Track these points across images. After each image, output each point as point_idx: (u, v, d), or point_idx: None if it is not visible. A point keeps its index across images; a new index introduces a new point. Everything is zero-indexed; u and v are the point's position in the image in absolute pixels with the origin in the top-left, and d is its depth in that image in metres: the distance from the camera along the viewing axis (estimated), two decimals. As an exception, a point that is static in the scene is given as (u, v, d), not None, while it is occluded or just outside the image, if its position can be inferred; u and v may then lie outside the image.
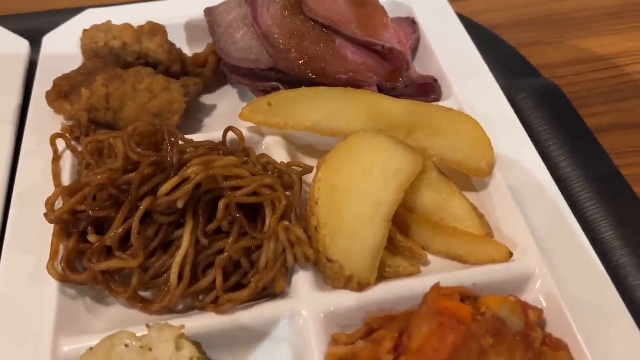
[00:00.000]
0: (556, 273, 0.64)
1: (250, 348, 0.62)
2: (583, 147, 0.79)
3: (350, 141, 0.69)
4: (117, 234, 0.64)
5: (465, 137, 0.74)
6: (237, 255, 0.64)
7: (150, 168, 0.66)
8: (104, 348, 0.55)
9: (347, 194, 0.66)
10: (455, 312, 0.54)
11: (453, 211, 0.71)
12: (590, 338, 0.59)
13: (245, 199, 0.65)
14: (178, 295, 0.63)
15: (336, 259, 0.63)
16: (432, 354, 0.52)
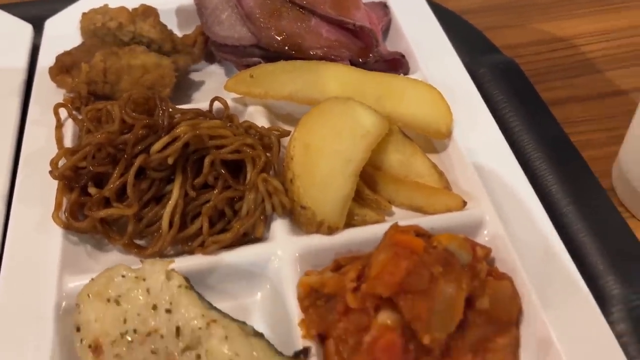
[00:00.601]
0: (505, 220, 0.72)
1: (234, 284, 0.70)
2: (536, 115, 0.87)
3: (323, 105, 0.78)
4: (114, 187, 0.72)
5: (426, 103, 0.83)
6: (221, 204, 0.72)
7: (144, 130, 0.74)
8: (104, 278, 0.63)
9: (319, 151, 0.74)
10: (409, 244, 0.62)
11: (415, 169, 0.80)
12: (532, 273, 0.67)
13: (228, 156, 0.73)
14: (169, 240, 0.71)
15: (309, 206, 0.71)
16: (388, 278, 0.60)
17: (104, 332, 0.61)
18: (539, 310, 0.65)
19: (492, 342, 0.63)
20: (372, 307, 0.62)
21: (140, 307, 0.61)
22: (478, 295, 0.64)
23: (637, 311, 0.66)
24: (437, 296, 0.61)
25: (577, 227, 0.74)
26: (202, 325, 0.59)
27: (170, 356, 0.59)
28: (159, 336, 0.59)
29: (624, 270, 0.69)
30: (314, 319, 0.64)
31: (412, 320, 0.60)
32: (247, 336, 0.60)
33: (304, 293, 0.65)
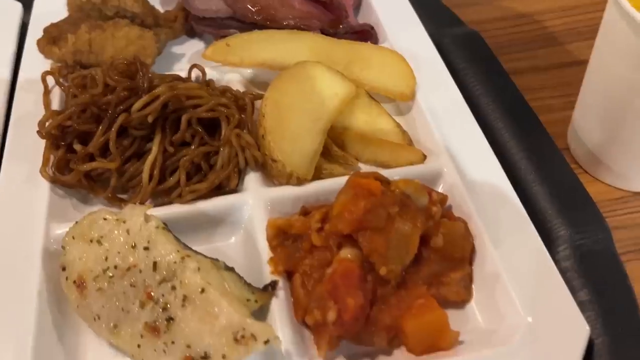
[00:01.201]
0: (462, 172, 0.78)
1: (209, 230, 0.75)
2: (496, 80, 0.93)
3: (293, 69, 0.83)
4: (98, 143, 0.77)
5: (391, 68, 0.89)
6: (197, 158, 0.77)
7: (125, 92, 0.79)
8: (87, 221, 0.68)
9: (289, 109, 0.79)
10: (368, 186, 0.68)
11: (381, 128, 0.85)
12: (485, 217, 0.73)
13: (204, 114, 0.79)
14: (149, 192, 0.76)
15: (279, 159, 0.76)
16: (348, 216, 0.65)
17: (87, 269, 0.66)
18: (489, 248, 0.70)
19: (446, 276, 0.69)
20: (335, 245, 0.68)
21: (121, 246, 0.66)
22: (433, 234, 0.69)
23: (580, 249, 0.72)
24: (394, 233, 0.66)
25: (530, 177, 0.79)
26: (177, 259, 0.64)
27: (148, 288, 0.64)
28: (137, 271, 0.65)
29: (571, 214, 0.75)
30: (281, 256, 0.69)
31: (370, 254, 0.65)
32: (219, 269, 0.66)
33: (272, 233, 0.70)
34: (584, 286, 0.69)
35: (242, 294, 0.64)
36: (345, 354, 0.65)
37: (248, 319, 0.59)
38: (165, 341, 0.61)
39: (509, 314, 0.66)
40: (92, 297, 0.65)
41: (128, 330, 0.63)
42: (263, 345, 0.58)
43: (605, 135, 0.83)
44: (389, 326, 0.64)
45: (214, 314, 0.60)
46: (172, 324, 0.62)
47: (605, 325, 0.66)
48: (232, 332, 0.59)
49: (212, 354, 0.59)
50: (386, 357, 0.65)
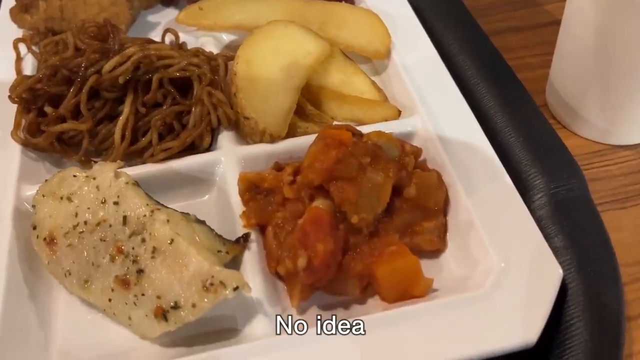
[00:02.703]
0: (437, 126, 0.77)
1: (183, 189, 0.75)
2: (473, 38, 0.92)
3: (265, 28, 0.83)
4: (69, 105, 0.76)
5: (366, 27, 0.88)
6: (169, 118, 0.77)
7: (96, 54, 0.78)
8: (57, 179, 0.68)
9: (261, 67, 0.79)
10: (338, 136, 0.67)
11: (356, 86, 0.85)
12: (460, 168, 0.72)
13: (175, 74, 0.78)
14: (121, 152, 0.76)
15: (251, 116, 0.76)
16: (318, 165, 0.65)
17: (57, 226, 0.66)
18: (463, 198, 0.70)
19: (419, 225, 0.68)
20: (307, 197, 0.67)
21: (90, 201, 0.66)
22: (405, 184, 0.69)
23: (555, 197, 0.71)
24: (365, 182, 0.66)
25: (506, 129, 0.79)
26: (147, 213, 0.64)
27: (118, 242, 0.63)
28: (107, 225, 0.64)
29: (546, 163, 0.74)
30: (254, 210, 0.69)
31: (341, 203, 0.65)
32: (189, 222, 0.65)
33: (243, 187, 0.70)
34: (559, 233, 0.68)
35: (212, 245, 0.64)
36: (318, 305, 0.65)
37: (217, 266, 0.59)
38: (135, 293, 0.61)
39: (482, 260, 0.65)
40: (63, 253, 0.64)
41: (99, 285, 0.63)
42: (232, 292, 0.58)
43: (581, 86, 0.82)
44: (361, 273, 0.64)
45: (182, 263, 0.60)
46: (142, 276, 0.61)
47: (580, 270, 0.65)
48: (201, 281, 0.59)
49: (182, 303, 0.59)
50: (360, 306, 0.65)
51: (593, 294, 0.64)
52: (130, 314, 0.61)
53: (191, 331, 0.62)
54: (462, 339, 0.59)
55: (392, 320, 0.60)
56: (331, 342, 0.59)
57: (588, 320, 0.62)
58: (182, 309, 0.59)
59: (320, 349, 0.58)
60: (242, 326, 0.62)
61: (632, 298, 0.71)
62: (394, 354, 0.58)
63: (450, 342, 0.59)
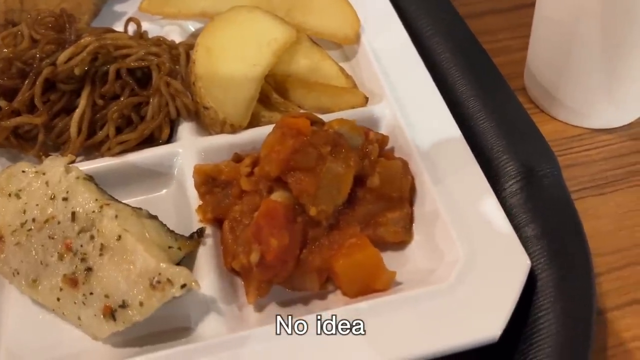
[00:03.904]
0: (405, 113, 0.74)
1: (140, 183, 0.72)
2: (447, 21, 0.89)
3: (228, 14, 0.79)
4: (23, 98, 0.74)
5: (334, 11, 0.85)
6: (127, 110, 0.74)
7: (51, 45, 0.76)
8: (5, 174, 0.66)
9: (221, 55, 0.76)
10: (296, 125, 0.64)
11: (324, 73, 0.82)
12: (427, 157, 0.69)
13: (133, 64, 0.75)
14: (78, 146, 0.73)
15: (211, 105, 0.73)
16: (275, 156, 0.62)
17: (4, 224, 0.63)
18: (429, 187, 0.67)
19: (382, 216, 0.66)
20: (265, 189, 0.64)
21: (39, 198, 0.63)
22: (368, 174, 0.66)
23: (528, 185, 0.68)
24: (324, 173, 0.63)
25: (478, 114, 0.75)
26: (96, 208, 0.61)
27: (67, 239, 0.61)
28: (56, 222, 0.62)
29: (519, 149, 0.71)
30: (210, 204, 0.66)
31: (299, 195, 0.62)
32: (140, 217, 0.63)
33: (199, 180, 0.67)
34: (531, 222, 0.65)
35: (163, 241, 0.61)
36: (277, 301, 0.63)
37: (163, 264, 0.56)
38: (84, 292, 0.59)
39: (448, 252, 0.63)
40: (11, 252, 0.62)
41: (47, 284, 0.60)
42: (180, 289, 0.55)
43: (558, 69, 0.79)
44: (320, 268, 0.61)
45: (130, 260, 0.57)
46: (91, 274, 0.59)
47: (551, 260, 0.62)
48: (148, 278, 0.56)
49: (130, 302, 0.56)
50: (321, 301, 0.62)
51: (564, 285, 0.61)
52: (79, 313, 0.59)
53: (144, 331, 0.60)
54: (424, 334, 0.56)
55: (352, 315, 0.57)
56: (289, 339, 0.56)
57: (557, 313, 0.58)
58: (129, 308, 0.56)
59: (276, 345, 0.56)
60: (196, 325, 0.59)
61: (609, 288, 0.68)
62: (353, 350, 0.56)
63: (411, 338, 0.56)
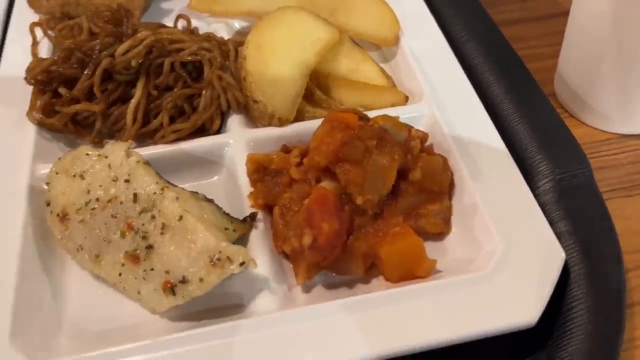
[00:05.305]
0: (444, 111, 0.78)
1: (192, 170, 0.76)
2: (481, 27, 0.93)
3: (275, 14, 0.84)
4: (83, 86, 0.78)
5: (375, 14, 0.89)
6: (180, 101, 0.78)
7: (109, 38, 0.80)
8: (69, 157, 0.70)
9: (270, 52, 0.80)
10: (345, 119, 0.68)
11: (365, 73, 0.86)
12: (465, 154, 0.73)
13: (186, 58, 0.80)
14: (133, 134, 0.77)
15: (260, 99, 0.77)
16: (325, 147, 0.66)
17: (70, 203, 0.67)
18: (468, 182, 0.71)
19: (423, 208, 0.69)
20: (314, 178, 0.68)
21: (102, 179, 0.67)
22: (411, 168, 0.70)
23: (560, 183, 0.72)
24: (371, 165, 0.66)
25: (512, 116, 0.79)
26: (157, 190, 0.65)
27: (129, 219, 0.65)
28: (118, 202, 0.66)
29: (552, 150, 0.75)
30: (261, 191, 0.70)
31: (347, 185, 0.66)
32: (198, 200, 0.67)
33: (252, 168, 0.71)
34: (563, 218, 0.69)
35: (220, 223, 0.65)
36: (323, 283, 0.66)
37: (224, 242, 0.60)
38: (145, 268, 0.63)
39: (486, 243, 0.66)
40: (75, 229, 0.66)
41: (109, 260, 0.64)
42: (239, 267, 0.59)
43: (589, 75, 0.82)
44: (366, 253, 0.65)
45: (191, 239, 0.61)
46: (152, 251, 0.63)
47: (583, 254, 0.66)
48: (209, 256, 0.60)
49: (190, 277, 0.60)
50: (364, 285, 0.66)
51: (595, 278, 0.64)
52: (139, 288, 0.63)
53: (198, 307, 0.64)
54: (464, 318, 0.60)
55: (396, 298, 0.61)
56: (335, 317, 0.60)
57: (590, 303, 0.62)
58: (190, 283, 0.60)
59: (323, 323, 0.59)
60: (248, 302, 0.63)
61: (636, 284, 0.71)
62: (395, 332, 0.59)
63: (452, 321, 0.59)
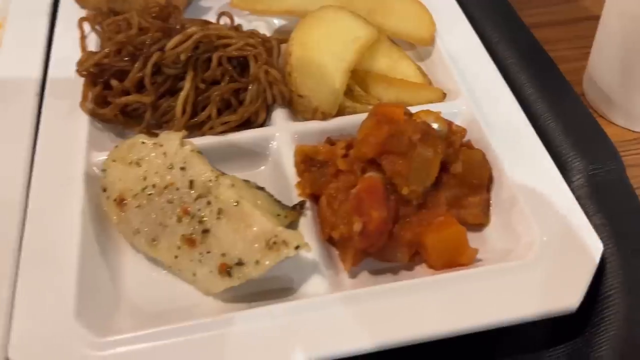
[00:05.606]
0: (480, 108, 0.81)
1: (239, 160, 0.79)
2: (512, 28, 0.96)
3: (318, 12, 0.87)
4: (134, 78, 0.81)
5: (412, 14, 0.92)
6: (227, 94, 0.81)
7: (159, 33, 0.83)
8: (126, 145, 0.73)
9: (314, 49, 0.83)
10: (391, 113, 0.71)
11: (402, 71, 0.89)
12: (502, 148, 0.76)
13: (233, 53, 0.83)
14: (182, 125, 0.80)
15: (305, 94, 0.80)
16: (372, 139, 0.69)
17: (127, 189, 0.70)
18: (506, 175, 0.74)
19: (465, 200, 0.72)
20: (359, 169, 0.71)
21: (158, 166, 0.71)
22: (452, 161, 0.73)
23: (594, 179, 0.75)
24: (415, 157, 0.69)
25: (545, 114, 0.82)
26: (212, 178, 0.69)
27: (185, 204, 0.68)
28: (174, 189, 0.69)
29: (585, 147, 0.78)
30: (308, 181, 0.73)
31: (393, 176, 0.69)
32: (251, 187, 0.70)
33: (300, 159, 0.74)
34: (598, 211, 0.72)
35: (272, 209, 0.68)
36: (369, 270, 0.69)
37: (280, 227, 0.63)
38: (201, 251, 0.66)
39: (525, 233, 0.69)
40: (132, 213, 0.69)
41: (165, 243, 0.67)
42: (294, 250, 0.62)
43: (620, 76, 0.85)
44: (411, 241, 0.68)
45: (247, 223, 0.64)
46: (208, 235, 0.66)
47: (618, 245, 0.69)
48: (265, 239, 0.63)
49: (246, 260, 0.63)
50: (408, 272, 0.69)
51: (631, 268, 0.67)
52: (195, 270, 0.66)
53: (250, 289, 0.66)
54: (507, 302, 0.63)
55: (441, 283, 0.64)
56: (383, 301, 0.63)
57: (626, 292, 0.65)
58: (246, 265, 0.63)
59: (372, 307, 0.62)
60: (298, 286, 0.66)
61: (665, 277, 0.74)
62: (441, 315, 0.62)
63: (497, 305, 0.62)
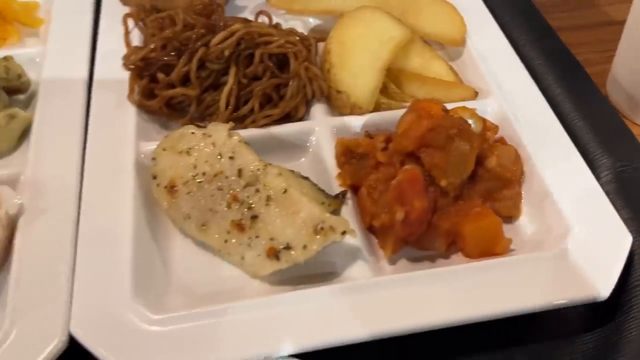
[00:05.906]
0: (511, 106, 0.85)
1: (280, 152, 0.82)
2: (539, 31, 1.00)
3: (355, 12, 0.90)
4: (180, 73, 0.85)
5: (443, 16, 0.96)
6: (269, 89, 0.85)
7: (203, 29, 0.87)
8: (176, 134, 0.76)
9: (352, 48, 0.87)
10: (430, 108, 0.75)
11: (434, 70, 0.92)
12: (533, 145, 0.80)
13: (275, 50, 0.86)
14: (225, 117, 0.84)
15: (343, 90, 0.84)
16: (412, 133, 0.72)
17: (177, 176, 0.74)
18: (538, 171, 0.77)
19: (498, 193, 0.76)
20: (398, 162, 0.75)
21: (208, 155, 0.74)
22: (487, 155, 0.76)
23: (622, 175, 0.78)
24: (453, 151, 0.73)
25: (573, 114, 0.86)
26: (260, 167, 0.72)
27: (233, 191, 0.71)
28: (224, 177, 0.72)
29: (612, 145, 0.81)
30: (349, 172, 0.77)
31: (431, 168, 0.72)
32: (296, 177, 0.73)
33: (340, 151, 0.78)
34: (625, 206, 0.75)
35: (317, 197, 0.71)
36: (407, 257, 0.73)
37: (326, 213, 0.67)
38: (250, 236, 0.69)
39: (556, 226, 0.72)
40: (183, 199, 0.73)
41: (215, 228, 0.71)
42: (341, 235, 0.66)
43: (645, 78, 0.89)
44: (448, 231, 0.71)
45: (295, 210, 0.68)
46: (257, 221, 0.69)
47: (646, 238, 0.72)
48: (312, 225, 0.66)
49: (294, 244, 0.67)
50: (445, 260, 0.73)
51: (658, 260, 0.71)
52: (243, 254, 0.69)
53: (295, 272, 0.70)
54: (541, 289, 0.66)
55: (479, 270, 0.67)
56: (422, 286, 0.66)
57: (655, 282, 0.69)
58: (293, 249, 0.66)
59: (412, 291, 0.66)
60: (342, 270, 0.69)
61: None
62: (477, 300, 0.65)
63: (530, 292, 0.66)
